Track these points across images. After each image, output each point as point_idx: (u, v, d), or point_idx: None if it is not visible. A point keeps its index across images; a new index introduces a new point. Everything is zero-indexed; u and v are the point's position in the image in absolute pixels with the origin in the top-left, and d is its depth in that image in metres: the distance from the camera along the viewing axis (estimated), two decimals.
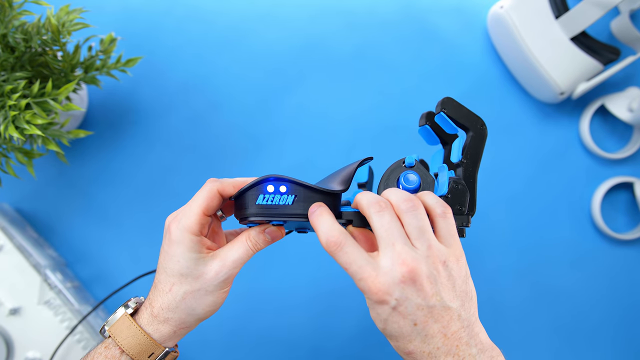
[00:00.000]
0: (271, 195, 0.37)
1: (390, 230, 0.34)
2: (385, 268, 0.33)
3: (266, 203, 0.37)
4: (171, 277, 0.39)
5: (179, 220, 0.38)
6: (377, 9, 0.72)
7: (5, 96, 0.51)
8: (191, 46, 0.71)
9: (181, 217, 0.38)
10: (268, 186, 0.37)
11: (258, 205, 0.37)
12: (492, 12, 0.69)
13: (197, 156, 0.70)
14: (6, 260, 0.61)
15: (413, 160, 0.41)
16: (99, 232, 0.68)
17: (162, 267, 0.39)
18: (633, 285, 0.73)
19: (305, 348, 0.69)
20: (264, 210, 0.37)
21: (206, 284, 0.39)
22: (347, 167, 0.41)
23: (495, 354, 0.36)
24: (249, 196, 0.38)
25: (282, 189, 0.37)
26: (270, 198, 0.37)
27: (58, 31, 0.52)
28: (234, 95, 0.71)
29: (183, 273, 0.38)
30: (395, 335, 0.35)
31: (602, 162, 0.74)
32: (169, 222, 0.39)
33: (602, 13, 0.63)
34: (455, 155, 0.42)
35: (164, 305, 0.39)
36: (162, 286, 0.39)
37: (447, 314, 0.34)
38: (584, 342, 0.72)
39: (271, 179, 0.37)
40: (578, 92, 0.68)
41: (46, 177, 0.68)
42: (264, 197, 0.37)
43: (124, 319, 0.39)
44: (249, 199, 0.38)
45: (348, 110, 0.72)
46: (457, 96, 0.72)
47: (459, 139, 0.42)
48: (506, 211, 0.72)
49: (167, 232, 0.39)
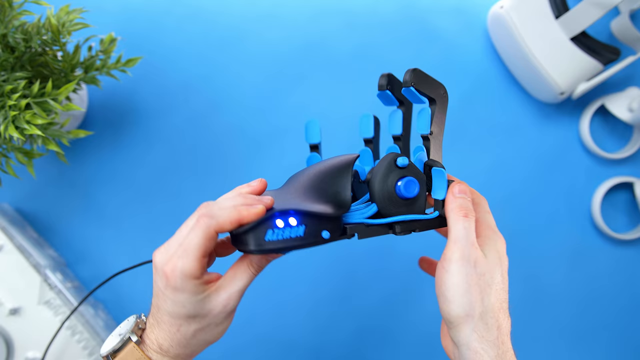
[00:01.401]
0: (281, 230, 0.35)
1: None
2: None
3: (276, 238, 0.35)
4: (177, 320, 0.37)
5: (176, 266, 0.35)
6: (377, 9, 0.72)
7: (5, 96, 0.51)
8: (191, 46, 0.71)
9: (178, 261, 0.35)
10: (277, 221, 0.35)
11: (268, 241, 0.35)
12: (492, 12, 0.69)
13: (197, 156, 0.70)
14: (6, 260, 0.61)
15: (406, 161, 0.39)
16: (99, 232, 0.68)
17: (164, 310, 0.37)
18: (633, 285, 0.73)
19: (305, 349, 0.69)
20: (274, 245, 0.36)
21: (215, 319, 0.38)
22: (336, 170, 0.40)
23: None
24: (256, 233, 0.35)
25: (292, 222, 0.36)
26: (280, 233, 0.36)
27: (58, 31, 0.52)
28: (234, 95, 0.71)
29: (190, 315, 0.37)
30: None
31: (602, 162, 0.73)
32: (161, 263, 0.36)
33: (602, 13, 0.63)
34: (424, 128, 0.41)
35: (174, 343, 0.38)
36: (167, 327, 0.37)
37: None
38: (584, 342, 0.72)
39: (277, 214, 0.35)
40: (578, 92, 0.68)
41: (46, 177, 0.68)
42: (273, 232, 0.35)
43: (133, 351, 0.37)
44: (256, 235, 0.35)
45: (348, 110, 0.72)
46: (457, 96, 0.73)
47: (424, 110, 0.41)
48: (506, 211, 0.72)
49: (163, 277, 0.35)
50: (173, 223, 0.69)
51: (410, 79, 0.39)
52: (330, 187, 0.39)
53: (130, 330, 0.38)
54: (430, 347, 0.70)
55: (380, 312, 0.70)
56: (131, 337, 0.38)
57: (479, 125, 0.73)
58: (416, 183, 0.40)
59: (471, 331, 0.35)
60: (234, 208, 0.35)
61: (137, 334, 0.38)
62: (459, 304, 0.35)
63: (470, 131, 0.72)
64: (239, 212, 0.35)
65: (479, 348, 0.35)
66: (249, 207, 0.35)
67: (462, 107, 0.72)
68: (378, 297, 0.70)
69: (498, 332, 0.36)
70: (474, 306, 0.36)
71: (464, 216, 0.37)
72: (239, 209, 0.35)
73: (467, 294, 0.36)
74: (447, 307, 0.36)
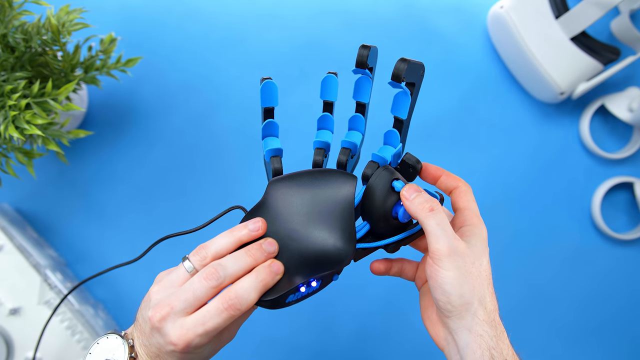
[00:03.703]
0: (302, 292, 0.37)
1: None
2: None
3: (296, 298, 0.37)
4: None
5: (192, 342, 0.34)
6: (377, 8, 0.72)
7: (5, 96, 0.51)
8: (191, 46, 0.71)
9: (195, 339, 0.34)
10: (301, 288, 0.36)
11: (288, 302, 0.37)
12: (492, 12, 0.69)
13: (197, 156, 0.70)
14: (6, 260, 0.61)
15: (402, 185, 0.39)
16: (99, 232, 0.68)
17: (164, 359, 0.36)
18: (632, 285, 0.73)
19: (305, 350, 0.69)
20: (293, 303, 0.37)
21: (216, 352, 0.39)
22: (339, 210, 0.39)
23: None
24: (278, 300, 0.36)
25: (313, 284, 0.37)
26: (300, 294, 0.37)
27: (58, 31, 0.52)
28: (234, 95, 0.71)
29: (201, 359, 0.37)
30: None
31: (602, 162, 0.73)
32: (172, 335, 0.34)
33: (602, 13, 0.63)
34: (402, 112, 0.40)
35: None
36: None
37: None
38: (583, 342, 0.72)
39: (300, 285, 0.36)
40: (578, 92, 0.68)
41: (46, 177, 0.68)
42: (294, 296, 0.37)
43: None
44: (278, 301, 0.36)
45: (348, 110, 0.71)
46: (457, 96, 0.73)
47: (404, 94, 0.40)
48: (506, 211, 0.72)
49: (170, 344, 0.34)
50: (173, 223, 0.69)
51: (402, 75, 0.37)
52: (335, 228, 0.39)
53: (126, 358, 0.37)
54: (430, 347, 0.70)
55: (380, 312, 0.70)
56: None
57: (479, 125, 0.73)
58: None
59: (472, 317, 0.37)
60: (256, 288, 0.35)
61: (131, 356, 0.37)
62: (459, 294, 0.37)
63: (470, 131, 0.72)
64: (264, 287, 0.36)
65: (480, 330, 0.37)
66: (272, 277, 0.36)
67: (462, 107, 0.72)
68: (378, 297, 0.70)
69: (494, 314, 0.38)
70: (472, 293, 0.37)
71: (430, 211, 0.37)
72: (262, 286, 0.35)
73: (465, 284, 0.37)
74: (446, 298, 0.37)
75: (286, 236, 0.39)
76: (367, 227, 0.40)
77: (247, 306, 0.35)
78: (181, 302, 0.35)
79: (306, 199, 0.40)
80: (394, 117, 0.41)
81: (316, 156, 0.41)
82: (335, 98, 0.43)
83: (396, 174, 0.40)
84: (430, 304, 0.42)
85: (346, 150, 0.42)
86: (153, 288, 0.37)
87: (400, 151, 0.41)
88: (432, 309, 0.42)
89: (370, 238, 0.41)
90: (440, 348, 0.41)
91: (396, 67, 0.37)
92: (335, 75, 0.42)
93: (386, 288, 0.70)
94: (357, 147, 0.43)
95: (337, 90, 0.43)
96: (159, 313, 0.35)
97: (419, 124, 0.72)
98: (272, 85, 0.43)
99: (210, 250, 0.37)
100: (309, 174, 0.41)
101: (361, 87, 0.43)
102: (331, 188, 0.40)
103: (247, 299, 0.35)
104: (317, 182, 0.40)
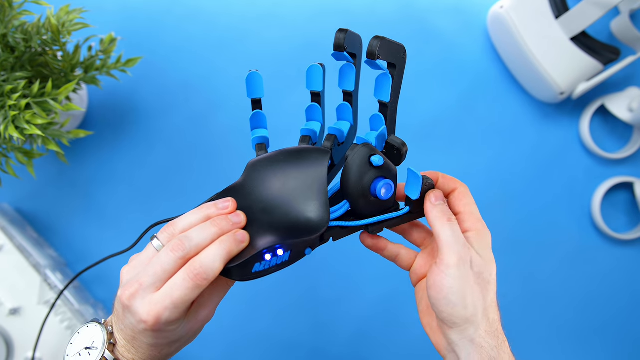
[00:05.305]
0: (268, 261, 0.36)
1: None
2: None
3: (263, 268, 0.36)
4: (159, 347, 0.36)
5: (162, 316, 0.33)
6: (377, 8, 0.72)
7: (5, 96, 0.51)
8: (191, 46, 0.71)
9: (164, 312, 0.33)
10: (265, 255, 0.35)
11: (254, 272, 0.35)
12: (492, 12, 0.69)
13: (197, 156, 0.70)
14: (6, 260, 0.61)
15: (381, 160, 0.38)
16: (99, 232, 0.68)
17: (143, 342, 0.36)
18: (632, 285, 0.73)
19: (305, 349, 0.69)
20: (260, 274, 0.36)
21: (196, 332, 0.38)
22: (310, 181, 0.38)
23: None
24: (243, 268, 0.35)
25: (279, 252, 0.36)
26: (267, 263, 0.36)
27: (58, 31, 0.52)
28: (233, 95, 0.71)
29: (173, 341, 0.37)
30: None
31: (602, 162, 0.73)
32: (140, 311, 0.34)
33: (602, 13, 0.63)
34: (384, 95, 0.40)
35: (156, 359, 0.37)
36: (148, 352, 0.36)
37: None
38: (583, 341, 0.72)
39: (265, 251, 0.35)
40: (578, 92, 0.68)
41: (46, 177, 0.68)
42: (260, 264, 0.35)
43: None
44: (243, 269, 0.35)
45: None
46: (457, 96, 0.73)
47: (385, 76, 0.39)
48: (506, 211, 0.72)
49: (141, 322, 0.34)
50: None
51: (376, 52, 0.36)
52: (307, 199, 0.38)
53: (104, 346, 0.37)
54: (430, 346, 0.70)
55: (380, 312, 0.70)
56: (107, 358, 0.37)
57: (479, 125, 0.73)
58: (392, 185, 0.39)
59: (475, 329, 0.37)
60: (221, 256, 0.34)
61: (109, 350, 0.37)
62: (464, 305, 0.36)
63: (469, 131, 0.72)
64: (228, 255, 0.35)
65: (482, 342, 0.36)
66: (237, 244, 0.35)
67: (461, 106, 0.72)
68: (377, 297, 0.70)
69: (497, 324, 0.38)
70: (477, 305, 0.37)
71: (448, 221, 0.38)
72: (226, 253, 0.34)
73: (470, 294, 0.36)
74: (451, 309, 0.36)
75: (259, 210, 0.38)
76: (346, 206, 0.39)
77: (213, 275, 0.34)
78: (150, 276, 0.34)
79: (280, 175, 0.40)
80: (378, 101, 0.41)
81: (301, 143, 0.41)
82: (320, 88, 0.43)
83: (376, 150, 0.39)
84: (430, 311, 0.42)
85: (331, 136, 0.41)
86: (124, 269, 0.37)
87: (384, 133, 0.40)
88: (432, 317, 0.41)
89: (352, 219, 0.40)
90: (442, 356, 0.41)
91: (370, 45, 0.37)
92: (322, 66, 0.42)
93: (384, 293, 0.70)
94: (344, 134, 0.42)
95: (322, 79, 0.43)
96: (128, 291, 0.35)
97: (419, 123, 0.72)
98: (257, 76, 0.42)
99: (178, 227, 0.36)
100: (285, 153, 0.41)
101: (345, 75, 0.42)
102: (305, 163, 0.40)
103: (212, 267, 0.34)
104: (292, 159, 0.40)
